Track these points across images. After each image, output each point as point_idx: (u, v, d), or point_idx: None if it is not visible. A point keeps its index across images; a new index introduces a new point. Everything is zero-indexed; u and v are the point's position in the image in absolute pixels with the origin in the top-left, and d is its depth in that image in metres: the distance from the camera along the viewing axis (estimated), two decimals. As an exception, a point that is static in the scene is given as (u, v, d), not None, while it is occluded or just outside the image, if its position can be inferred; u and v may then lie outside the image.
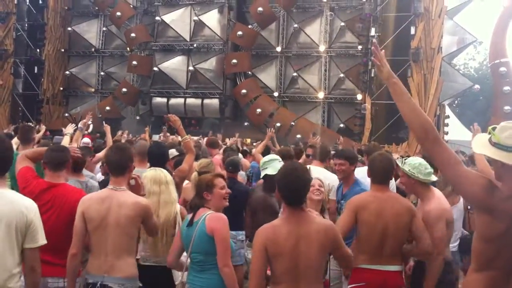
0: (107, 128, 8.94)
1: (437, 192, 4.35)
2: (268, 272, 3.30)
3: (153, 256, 4.36)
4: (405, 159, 4.46)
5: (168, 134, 11.59)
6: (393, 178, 5.74)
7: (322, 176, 5.23)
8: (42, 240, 3.16)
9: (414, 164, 4.23)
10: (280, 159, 5.62)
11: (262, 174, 5.50)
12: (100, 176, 6.79)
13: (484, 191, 2.57)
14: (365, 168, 5.56)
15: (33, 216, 3.12)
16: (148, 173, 4.51)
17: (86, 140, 9.62)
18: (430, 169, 4.30)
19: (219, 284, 3.68)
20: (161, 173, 4.51)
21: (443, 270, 4.31)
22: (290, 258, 3.15)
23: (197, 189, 3.92)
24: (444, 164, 2.68)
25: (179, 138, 7.37)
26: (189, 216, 3.88)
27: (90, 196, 3.91)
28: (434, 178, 4.36)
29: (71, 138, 7.42)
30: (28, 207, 3.13)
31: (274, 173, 5.25)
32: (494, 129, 2.66)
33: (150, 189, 4.36)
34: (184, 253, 3.91)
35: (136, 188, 4.08)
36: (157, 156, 5.00)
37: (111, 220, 3.71)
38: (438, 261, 4.02)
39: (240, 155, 8.91)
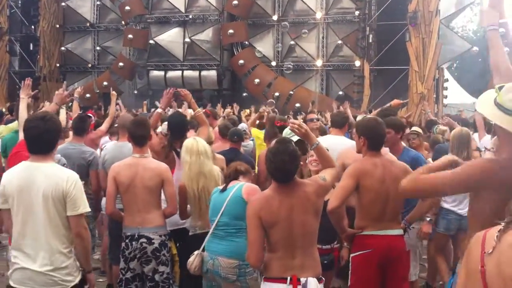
0: (114, 96, 8.84)
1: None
2: None
3: (193, 223, 4.61)
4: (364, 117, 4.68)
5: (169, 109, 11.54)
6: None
7: (336, 144, 5.27)
8: (83, 208, 3.36)
9: None
10: None
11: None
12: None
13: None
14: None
15: (70, 186, 3.29)
16: (184, 142, 4.62)
17: (89, 115, 9.60)
18: None
19: (236, 250, 3.87)
20: (194, 143, 4.54)
21: None
22: (284, 226, 3.23)
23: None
24: None
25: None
26: (221, 186, 4.15)
27: (119, 163, 4.54)
28: None
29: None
30: (64, 178, 3.31)
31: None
32: (501, 88, 2.51)
33: (183, 159, 4.56)
34: None
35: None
36: (176, 124, 5.18)
37: (139, 182, 4.34)
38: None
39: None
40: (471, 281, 1.85)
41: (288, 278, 3.22)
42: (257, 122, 9.52)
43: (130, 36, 25.65)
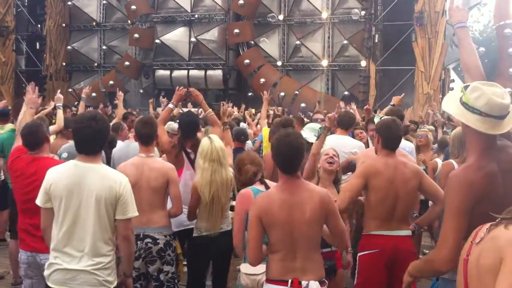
0: (120, 97, 8.88)
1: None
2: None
3: (198, 224, 4.58)
4: (381, 117, 4.65)
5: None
6: None
7: (340, 145, 5.24)
8: (132, 212, 3.34)
9: None
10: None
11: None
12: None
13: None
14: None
15: (123, 189, 3.28)
16: (201, 142, 4.52)
17: None
18: None
19: None
20: (210, 147, 4.40)
21: None
22: (284, 227, 3.17)
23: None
24: None
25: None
26: (259, 187, 3.99)
27: (125, 163, 4.51)
28: None
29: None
30: (118, 181, 3.29)
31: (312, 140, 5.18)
32: (466, 87, 2.54)
33: (197, 161, 4.51)
34: None
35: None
36: (187, 124, 5.18)
37: (144, 182, 4.33)
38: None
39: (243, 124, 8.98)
40: (459, 271, 1.89)
41: (289, 280, 3.17)
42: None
43: (136, 35, 25.73)
